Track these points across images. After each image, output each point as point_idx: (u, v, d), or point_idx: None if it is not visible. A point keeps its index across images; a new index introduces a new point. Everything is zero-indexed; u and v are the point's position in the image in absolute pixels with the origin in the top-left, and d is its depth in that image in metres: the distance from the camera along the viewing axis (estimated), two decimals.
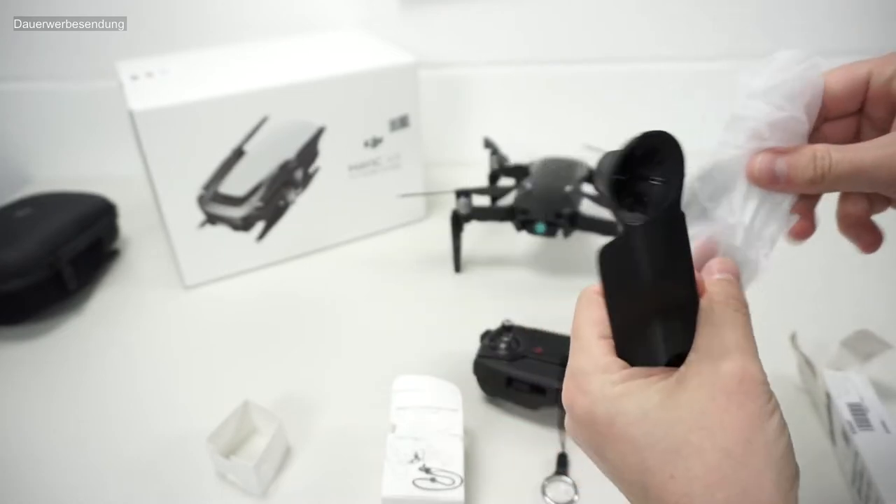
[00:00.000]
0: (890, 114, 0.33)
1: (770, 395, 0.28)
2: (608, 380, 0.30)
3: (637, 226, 0.31)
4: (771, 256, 0.34)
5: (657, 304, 0.31)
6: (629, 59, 0.93)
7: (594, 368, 0.31)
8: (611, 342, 0.32)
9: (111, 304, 0.73)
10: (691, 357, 0.30)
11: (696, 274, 0.33)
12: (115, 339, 0.68)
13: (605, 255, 0.32)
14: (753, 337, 0.30)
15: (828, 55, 0.34)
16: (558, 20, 0.90)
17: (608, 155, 0.32)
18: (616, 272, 0.32)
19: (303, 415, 0.57)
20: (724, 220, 0.34)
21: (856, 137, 0.35)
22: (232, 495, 0.50)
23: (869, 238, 0.36)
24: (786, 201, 0.34)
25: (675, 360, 0.30)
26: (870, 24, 0.88)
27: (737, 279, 0.33)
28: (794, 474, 0.27)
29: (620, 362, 0.31)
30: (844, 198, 0.36)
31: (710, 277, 0.33)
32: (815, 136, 0.34)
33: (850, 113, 0.34)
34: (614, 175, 0.31)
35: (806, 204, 0.35)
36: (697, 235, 0.34)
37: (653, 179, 0.31)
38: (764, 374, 0.28)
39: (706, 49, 0.91)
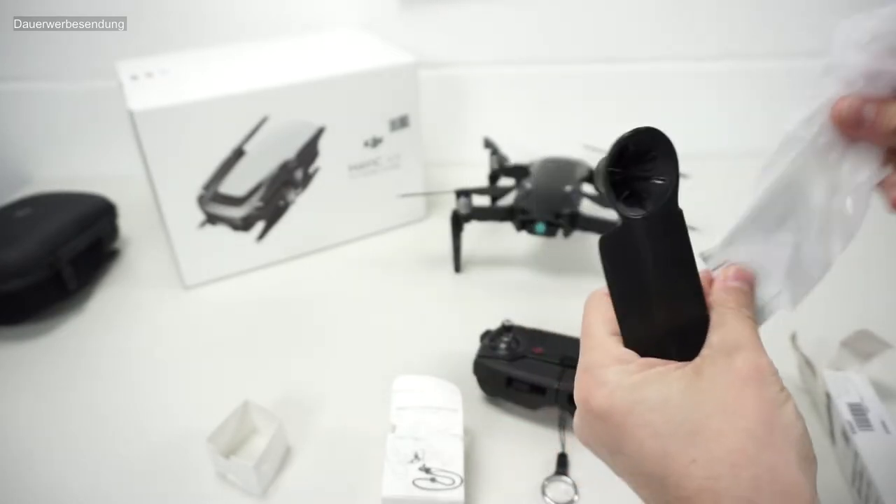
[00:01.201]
0: None
1: (782, 386, 0.29)
2: (626, 369, 0.31)
3: (638, 218, 0.32)
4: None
5: (662, 298, 0.32)
6: (629, 59, 0.93)
7: (610, 360, 0.32)
8: (621, 339, 0.33)
9: (111, 304, 0.73)
10: (705, 352, 0.31)
11: (707, 275, 0.34)
12: (115, 339, 0.68)
13: (607, 245, 0.33)
14: (758, 334, 0.31)
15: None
16: (558, 20, 0.90)
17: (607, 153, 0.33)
18: (618, 263, 0.33)
19: (303, 415, 0.57)
20: (787, 241, 0.34)
21: None
22: (232, 495, 0.50)
23: None
24: (867, 177, 0.32)
25: (686, 355, 0.31)
26: None
27: (751, 289, 0.34)
28: (813, 458, 0.28)
29: (635, 353, 0.32)
30: None
31: (725, 283, 0.33)
32: None
33: None
34: (609, 167, 0.32)
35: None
36: (753, 259, 0.34)
37: (653, 178, 0.32)
38: (775, 368, 0.29)
39: (707, 49, 0.91)
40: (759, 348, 0.30)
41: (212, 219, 0.72)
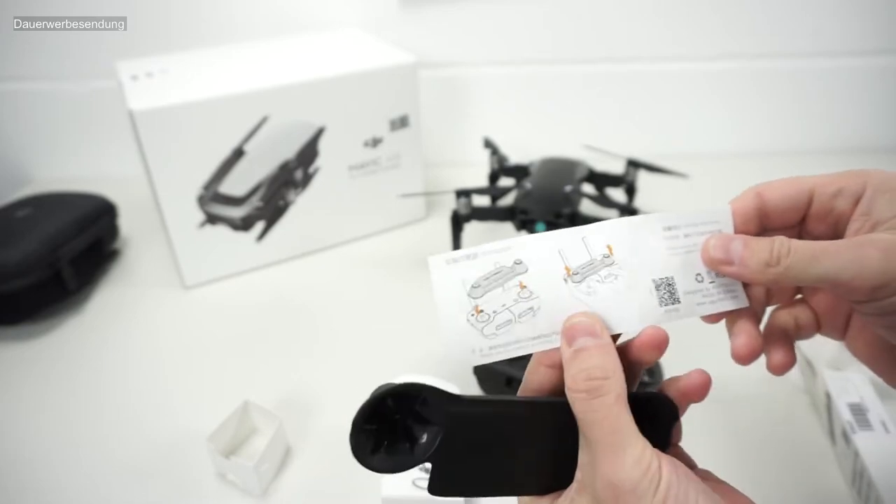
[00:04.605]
0: (831, 232, 0.32)
1: (650, 480, 0.26)
2: None
3: (435, 449, 0.29)
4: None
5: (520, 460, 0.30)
6: (629, 59, 0.93)
7: None
8: None
9: (111, 304, 0.73)
10: (577, 476, 0.29)
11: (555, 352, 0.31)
12: (115, 340, 0.68)
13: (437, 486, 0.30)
14: (620, 419, 0.27)
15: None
16: (558, 20, 0.90)
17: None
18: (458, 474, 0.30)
19: (303, 415, 0.57)
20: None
21: None
22: (232, 495, 0.50)
23: (783, 358, 0.33)
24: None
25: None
26: (873, 24, 0.88)
27: (599, 335, 0.30)
28: None
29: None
30: (778, 310, 0.34)
31: (568, 349, 0.30)
32: None
33: (789, 226, 0.33)
34: (363, 426, 0.28)
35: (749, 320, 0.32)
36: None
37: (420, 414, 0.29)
38: (635, 476, 0.26)
39: (706, 49, 0.91)
40: (611, 453, 0.26)
41: (212, 219, 0.72)
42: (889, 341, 0.31)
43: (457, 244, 0.74)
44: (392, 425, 0.29)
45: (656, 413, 0.31)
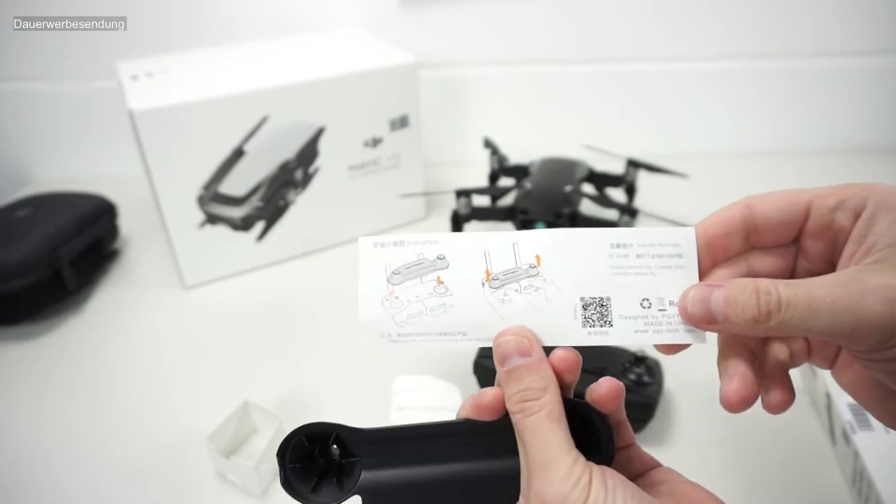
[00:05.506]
0: (829, 249, 0.29)
1: (578, 494, 0.25)
2: None
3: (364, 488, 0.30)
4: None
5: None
6: (629, 59, 0.93)
7: None
8: None
9: (111, 304, 0.73)
10: (521, 500, 0.28)
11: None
12: (115, 340, 0.68)
13: None
14: (550, 435, 0.27)
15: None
16: (558, 20, 0.90)
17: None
18: None
19: (303, 415, 0.57)
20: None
21: (789, 272, 0.31)
22: (232, 495, 0.50)
23: (782, 396, 0.30)
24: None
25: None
26: (873, 24, 0.88)
27: (529, 352, 0.29)
28: None
29: None
30: (767, 343, 0.31)
31: (500, 370, 0.29)
32: (739, 262, 0.31)
33: (782, 244, 0.30)
34: (287, 466, 0.30)
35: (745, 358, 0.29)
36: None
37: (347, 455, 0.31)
38: (563, 481, 0.26)
39: (706, 49, 0.91)
40: (540, 471, 0.26)
41: (212, 219, 0.72)
42: (881, 381, 0.29)
43: None
44: (327, 462, 0.31)
45: (592, 425, 0.30)
